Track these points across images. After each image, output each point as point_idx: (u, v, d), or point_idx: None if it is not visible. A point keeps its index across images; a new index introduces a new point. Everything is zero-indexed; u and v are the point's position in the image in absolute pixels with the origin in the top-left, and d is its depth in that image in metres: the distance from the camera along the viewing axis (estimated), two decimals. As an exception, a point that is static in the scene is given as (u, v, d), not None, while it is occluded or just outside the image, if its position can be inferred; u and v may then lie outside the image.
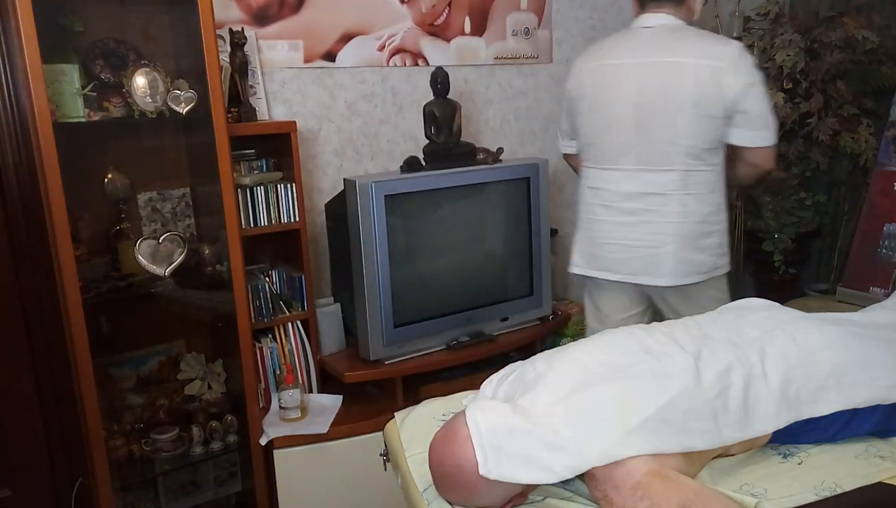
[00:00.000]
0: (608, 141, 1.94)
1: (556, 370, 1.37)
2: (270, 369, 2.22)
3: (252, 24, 2.24)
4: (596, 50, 2.02)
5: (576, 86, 2.01)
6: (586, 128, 1.99)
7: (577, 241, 2.10)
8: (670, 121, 1.84)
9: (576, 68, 2.02)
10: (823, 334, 1.43)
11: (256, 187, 2.10)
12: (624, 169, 1.92)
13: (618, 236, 1.97)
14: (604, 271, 2.04)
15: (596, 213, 2.01)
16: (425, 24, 2.56)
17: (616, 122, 1.91)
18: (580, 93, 1.99)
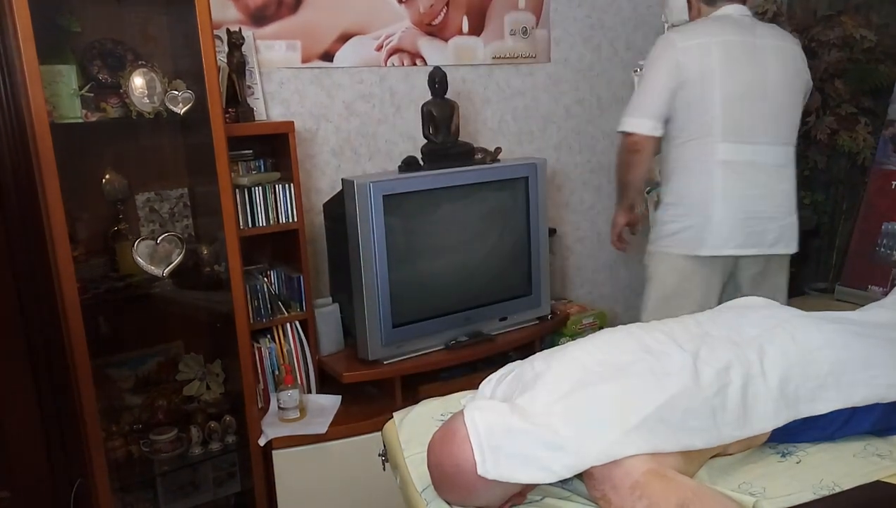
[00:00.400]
0: (742, 115, 2.03)
1: (555, 369, 1.37)
2: (269, 369, 2.22)
3: (250, 25, 2.24)
4: (691, 30, 2.07)
5: (691, 61, 2.00)
6: (710, 103, 2.01)
7: (694, 223, 2.08)
8: (791, 98, 2.09)
9: (680, 46, 2.01)
10: (822, 333, 1.43)
11: (254, 187, 2.10)
12: (759, 142, 2.05)
13: (758, 210, 2.07)
14: (741, 247, 2.10)
15: (732, 188, 2.05)
16: (423, 24, 2.56)
17: (748, 97, 2.02)
18: (701, 68, 2.00)
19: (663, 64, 2.03)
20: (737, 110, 2.02)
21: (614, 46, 3.02)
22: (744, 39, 2.04)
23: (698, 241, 2.08)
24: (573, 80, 2.97)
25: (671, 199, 2.13)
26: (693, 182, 2.07)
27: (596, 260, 3.20)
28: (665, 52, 2.04)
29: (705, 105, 2.01)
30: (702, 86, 2.00)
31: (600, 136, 3.08)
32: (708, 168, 2.05)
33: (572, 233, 3.11)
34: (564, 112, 2.99)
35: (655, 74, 2.05)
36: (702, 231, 2.06)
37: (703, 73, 2.00)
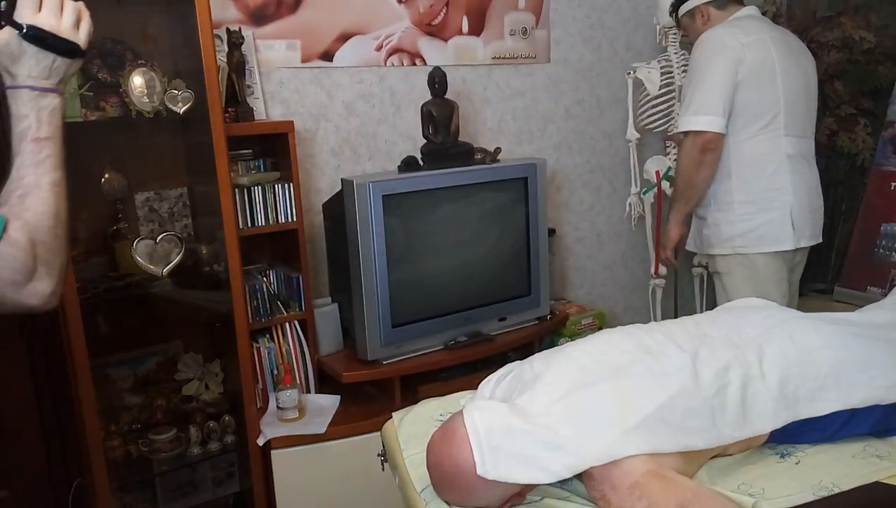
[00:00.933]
0: (798, 109, 2.12)
1: (555, 370, 1.37)
2: (268, 369, 2.22)
3: (249, 24, 2.24)
4: (739, 28, 2.11)
5: (752, 57, 2.04)
6: (775, 98, 2.08)
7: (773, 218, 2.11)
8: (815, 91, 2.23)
9: (739, 42, 2.05)
10: (821, 334, 1.43)
11: (254, 187, 2.10)
12: (806, 136, 2.17)
13: (813, 200, 2.17)
14: (812, 238, 2.19)
15: (799, 181, 2.12)
16: (423, 24, 2.56)
17: (801, 91, 2.13)
18: (763, 63, 2.06)
19: (724, 60, 2.03)
20: (794, 104, 2.09)
21: (614, 47, 3.02)
22: (783, 37, 2.14)
23: (778, 236, 2.11)
24: (573, 80, 2.97)
25: (741, 197, 2.12)
26: (765, 177, 2.09)
27: (595, 260, 3.20)
28: (723, 49, 2.04)
29: (771, 100, 2.06)
30: (765, 82, 2.04)
31: (600, 137, 3.08)
32: (778, 162, 2.09)
33: (572, 234, 3.11)
34: (564, 112, 2.99)
35: (717, 71, 2.03)
36: (781, 225, 2.09)
37: (766, 69, 2.05)
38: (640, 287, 3.30)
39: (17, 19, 0.89)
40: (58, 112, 0.93)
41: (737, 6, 2.17)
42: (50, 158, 0.92)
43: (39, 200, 0.89)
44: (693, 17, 2.24)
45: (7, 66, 0.90)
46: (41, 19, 0.90)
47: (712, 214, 2.20)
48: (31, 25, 0.89)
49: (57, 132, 0.93)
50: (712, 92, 2.03)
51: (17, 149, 0.91)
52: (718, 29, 2.11)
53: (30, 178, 0.90)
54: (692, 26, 2.26)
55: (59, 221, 0.91)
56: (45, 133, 0.91)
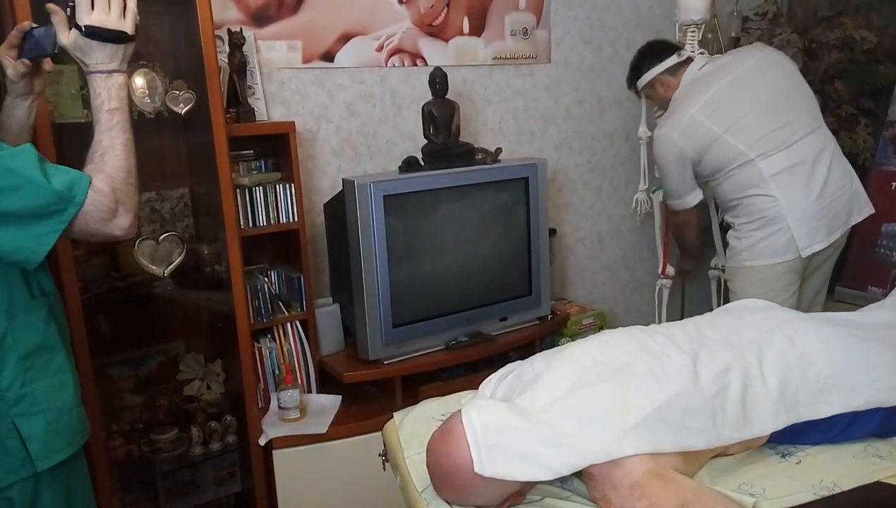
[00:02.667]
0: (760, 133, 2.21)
1: (555, 369, 1.38)
2: (269, 369, 2.22)
3: (251, 25, 2.24)
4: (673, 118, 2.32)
5: (690, 144, 2.27)
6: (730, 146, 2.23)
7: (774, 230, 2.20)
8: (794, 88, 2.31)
9: (675, 137, 2.28)
10: (821, 336, 1.43)
11: (255, 187, 2.10)
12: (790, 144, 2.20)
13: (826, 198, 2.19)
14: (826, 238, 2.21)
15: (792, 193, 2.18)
16: (423, 25, 2.56)
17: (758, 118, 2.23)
18: (703, 139, 2.25)
19: (672, 159, 2.29)
20: (753, 134, 2.18)
21: (615, 47, 3.02)
22: (719, 80, 2.27)
23: (780, 249, 2.20)
24: (574, 80, 2.97)
25: (744, 220, 2.26)
26: (756, 200, 2.21)
27: (596, 260, 3.20)
28: (668, 148, 2.28)
29: (728, 150, 2.20)
30: (715, 147, 2.21)
31: (601, 137, 3.09)
32: (762, 185, 2.19)
33: (573, 234, 3.11)
34: (565, 112, 2.99)
35: (671, 167, 2.32)
36: (781, 239, 2.19)
37: (708, 140, 2.21)
38: (640, 287, 3.30)
39: (77, 21, 1.16)
40: (123, 88, 1.21)
41: (685, 67, 2.36)
42: (120, 124, 1.18)
43: (114, 157, 1.17)
44: (654, 87, 2.43)
45: (81, 59, 1.18)
46: (94, 18, 1.15)
47: (728, 237, 2.38)
48: (87, 25, 1.15)
49: (123, 104, 1.20)
50: (674, 182, 2.35)
51: (96, 119, 1.19)
52: (662, 122, 2.36)
53: (106, 141, 1.17)
54: (655, 95, 2.46)
55: (131, 172, 1.18)
56: (115, 105, 1.19)
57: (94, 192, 1.11)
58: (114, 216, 1.13)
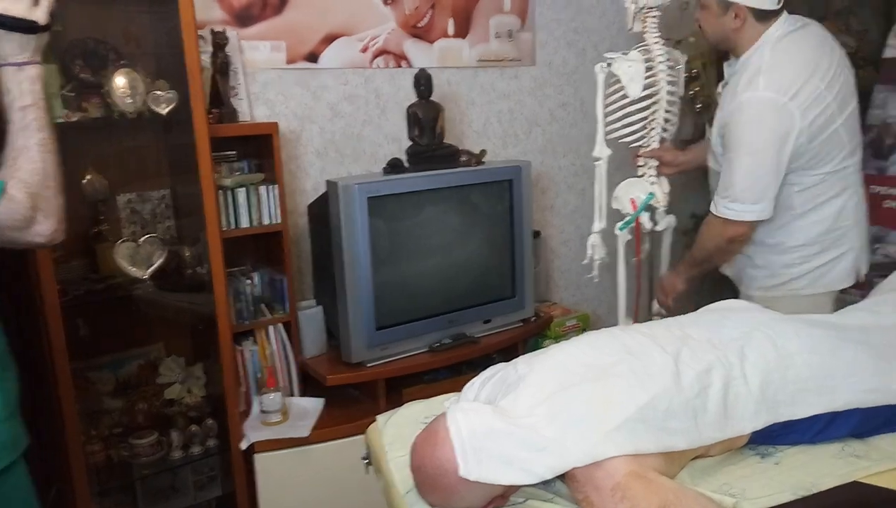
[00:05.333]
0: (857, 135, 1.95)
1: (539, 371, 1.38)
2: (251, 372, 2.20)
3: (234, 25, 2.22)
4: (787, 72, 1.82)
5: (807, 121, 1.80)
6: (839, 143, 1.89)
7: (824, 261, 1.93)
8: None
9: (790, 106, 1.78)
10: (801, 337, 1.45)
11: (238, 188, 2.09)
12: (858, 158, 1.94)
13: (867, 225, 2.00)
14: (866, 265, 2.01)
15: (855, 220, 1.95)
16: (408, 26, 2.56)
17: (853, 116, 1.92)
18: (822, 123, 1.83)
19: (775, 135, 1.76)
20: (854, 135, 1.90)
21: (598, 50, 3.03)
22: (830, 58, 1.85)
23: (839, 276, 1.96)
24: (557, 83, 2.99)
25: (800, 242, 1.92)
26: (830, 219, 1.90)
27: (580, 262, 3.20)
28: (773, 119, 1.75)
29: (838, 144, 1.85)
30: (829, 137, 1.82)
31: (584, 140, 3.10)
32: (844, 202, 1.90)
33: (557, 236, 3.12)
34: (549, 115, 3.00)
35: (767, 148, 1.76)
36: (843, 264, 1.95)
37: (827, 123, 1.81)
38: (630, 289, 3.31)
39: None
40: (37, 81, 1.10)
41: (775, 18, 1.83)
42: (35, 122, 1.08)
43: (28, 159, 1.07)
44: (724, 14, 1.83)
45: None
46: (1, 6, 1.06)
47: (764, 256, 1.98)
48: None
49: (38, 99, 1.09)
50: (762, 170, 1.77)
51: (9, 119, 1.08)
52: (769, 77, 1.77)
53: (20, 141, 1.07)
54: (716, 26, 1.87)
55: (48, 174, 1.08)
56: (28, 101, 1.08)
57: (6, 200, 1.02)
58: (31, 224, 1.05)
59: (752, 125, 1.77)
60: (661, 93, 2.09)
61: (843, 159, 1.87)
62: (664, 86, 2.08)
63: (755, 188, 1.79)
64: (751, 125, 1.77)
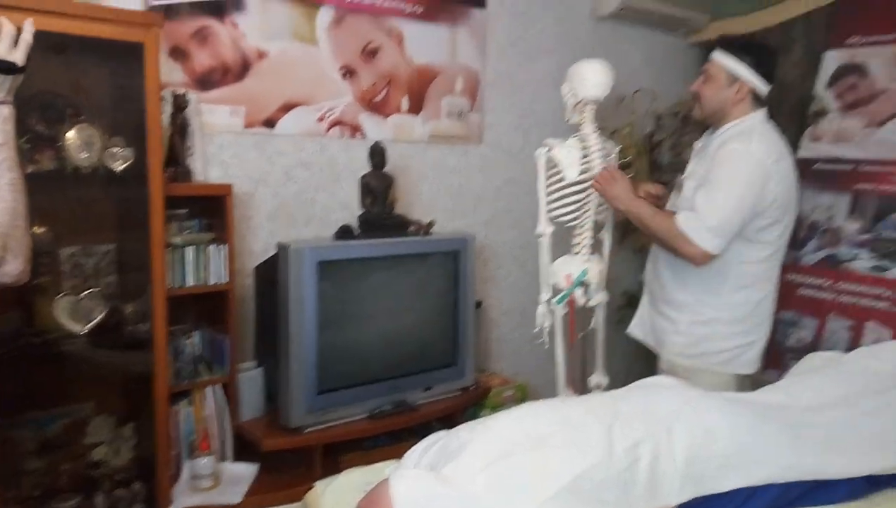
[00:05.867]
0: None
1: (480, 439, 1.42)
2: (184, 435, 2.15)
3: (195, 88, 2.28)
4: (770, 142, 2.00)
5: (778, 185, 1.96)
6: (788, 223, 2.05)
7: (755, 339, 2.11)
8: None
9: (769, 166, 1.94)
10: (724, 414, 1.54)
11: (186, 247, 2.09)
12: None
13: None
14: None
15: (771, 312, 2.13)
16: (365, 100, 2.67)
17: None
18: (786, 192, 1.99)
19: (752, 184, 1.92)
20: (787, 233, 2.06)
21: (542, 133, 3.19)
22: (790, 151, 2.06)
23: (751, 360, 2.11)
24: (504, 161, 3.14)
25: (728, 317, 2.06)
26: (754, 302, 2.06)
27: (519, 333, 3.29)
28: (757, 172, 1.92)
29: (786, 225, 2.03)
30: (784, 208, 1.99)
31: (528, 216, 3.21)
32: (769, 290, 2.08)
33: (497, 306, 3.21)
34: (495, 191, 3.14)
35: (743, 193, 1.91)
36: (756, 350, 2.11)
37: (786, 197, 1.99)
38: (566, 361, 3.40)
39: None
40: (9, 121, 1.14)
41: (762, 107, 2.05)
42: (5, 162, 1.10)
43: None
44: (730, 82, 2.01)
45: None
46: None
47: (689, 326, 2.11)
48: None
49: (9, 139, 1.12)
50: (731, 214, 1.92)
51: None
52: (756, 140, 1.97)
53: None
54: (718, 91, 2.03)
55: (18, 214, 1.11)
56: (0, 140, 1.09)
57: None
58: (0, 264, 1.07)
59: (736, 170, 1.95)
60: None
61: (777, 249, 2.05)
62: (598, 172, 2.19)
63: (721, 220, 1.92)
64: (736, 169, 1.95)
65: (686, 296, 2.10)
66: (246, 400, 2.26)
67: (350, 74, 2.62)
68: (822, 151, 3.05)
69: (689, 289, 2.10)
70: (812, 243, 3.01)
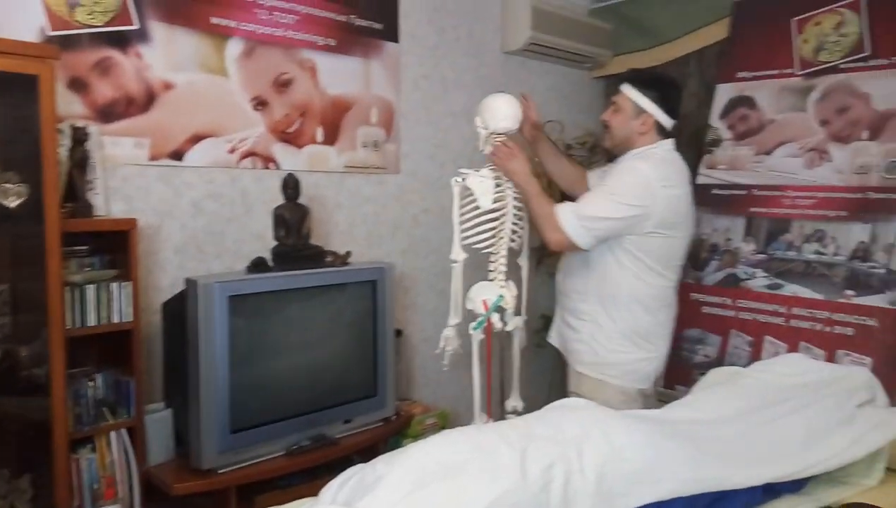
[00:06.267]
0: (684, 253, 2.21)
1: (396, 471, 1.42)
2: (87, 483, 2.02)
3: (96, 120, 2.20)
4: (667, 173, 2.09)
5: (663, 212, 2.05)
6: (674, 249, 2.15)
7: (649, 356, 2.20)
8: None
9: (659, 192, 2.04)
10: (631, 432, 1.61)
11: (87, 285, 2.00)
12: None
13: None
14: None
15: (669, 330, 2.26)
16: (277, 131, 2.65)
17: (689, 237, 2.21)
18: (672, 220, 2.08)
19: (633, 197, 2.03)
20: (684, 247, 2.18)
21: (456, 163, 3.27)
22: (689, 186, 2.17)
23: (647, 375, 2.21)
24: (421, 190, 3.18)
25: (622, 330, 2.15)
26: (655, 317, 2.17)
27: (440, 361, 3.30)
28: (642, 192, 2.03)
29: (671, 250, 2.13)
30: (671, 230, 2.09)
31: (445, 243, 3.22)
32: (666, 305, 2.19)
33: (418, 334, 3.22)
34: (412, 219, 3.16)
35: (621, 201, 2.03)
36: (652, 367, 2.21)
37: (673, 221, 2.09)
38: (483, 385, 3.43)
39: None
40: None
41: (668, 138, 2.17)
42: None
43: None
44: (637, 114, 2.13)
45: None
46: None
47: (590, 336, 2.21)
48: None
49: None
50: (604, 219, 2.04)
51: None
52: (653, 164, 2.08)
53: None
54: (625, 121, 2.15)
55: None
56: None
57: None
58: None
59: (623, 180, 2.08)
60: (508, 206, 2.29)
61: (669, 270, 2.16)
62: (511, 200, 2.28)
63: (592, 216, 2.04)
64: (622, 180, 2.08)
65: (587, 307, 2.21)
66: (154, 443, 2.16)
67: (262, 105, 2.60)
68: (718, 177, 3.25)
69: (590, 300, 2.20)
70: (713, 264, 3.19)
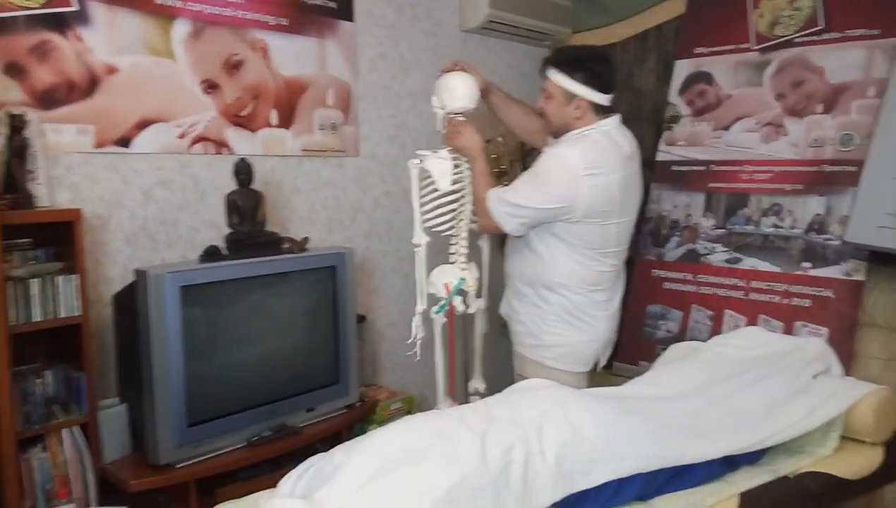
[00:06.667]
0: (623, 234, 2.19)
1: (356, 459, 1.40)
2: (39, 484, 1.96)
3: (36, 107, 2.10)
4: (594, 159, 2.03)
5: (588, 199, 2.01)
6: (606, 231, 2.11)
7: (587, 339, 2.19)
8: None
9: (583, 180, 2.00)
10: (591, 411, 1.61)
11: (31, 279, 1.92)
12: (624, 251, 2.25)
13: None
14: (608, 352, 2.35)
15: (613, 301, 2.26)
16: (230, 115, 2.57)
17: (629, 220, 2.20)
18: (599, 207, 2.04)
19: (555, 185, 2.01)
20: (622, 232, 2.16)
21: (417, 145, 3.23)
22: (627, 168, 2.11)
23: (584, 359, 2.20)
24: (381, 173, 3.13)
25: (556, 314, 2.15)
26: (593, 299, 2.15)
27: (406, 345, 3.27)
28: (566, 184, 2.00)
29: (604, 238, 2.11)
30: (600, 221, 2.07)
31: (407, 227, 3.21)
32: (601, 288, 2.16)
33: (382, 319, 3.19)
34: (373, 202, 3.12)
35: (545, 189, 2.02)
36: (589, 348, 2.20)
37: (603, 212, 2.06)
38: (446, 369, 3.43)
39: None
40: None
41: (606, 116, 2.10)
42: None
43: None
44: (569, 102, 2.07)
45: None
46: None
47: (528, 316, 2.22)
48: None
49: None
50: (530, 206, 2.05)
51: None
52: (580, 150, 2.04)
53: None
54: (559, 110, 2.10)
55: None
56: None
57: None
58: None
59: (545, 168, 2.06)
60: (467, 188, 2.28)
61: (606, 256, 2.14)
62: (469, 182, 2.26)
63: (518, 203, 2.07)
64: (545, 168, 2.07)
65: (525, 288, 2.22)
66: (109, 439, 2.10)
67: (213, 88, 2.51)
68: (678, 154, 3.27)
69: (527, 281, 2.21)
70: (674, 240, 3.21)
